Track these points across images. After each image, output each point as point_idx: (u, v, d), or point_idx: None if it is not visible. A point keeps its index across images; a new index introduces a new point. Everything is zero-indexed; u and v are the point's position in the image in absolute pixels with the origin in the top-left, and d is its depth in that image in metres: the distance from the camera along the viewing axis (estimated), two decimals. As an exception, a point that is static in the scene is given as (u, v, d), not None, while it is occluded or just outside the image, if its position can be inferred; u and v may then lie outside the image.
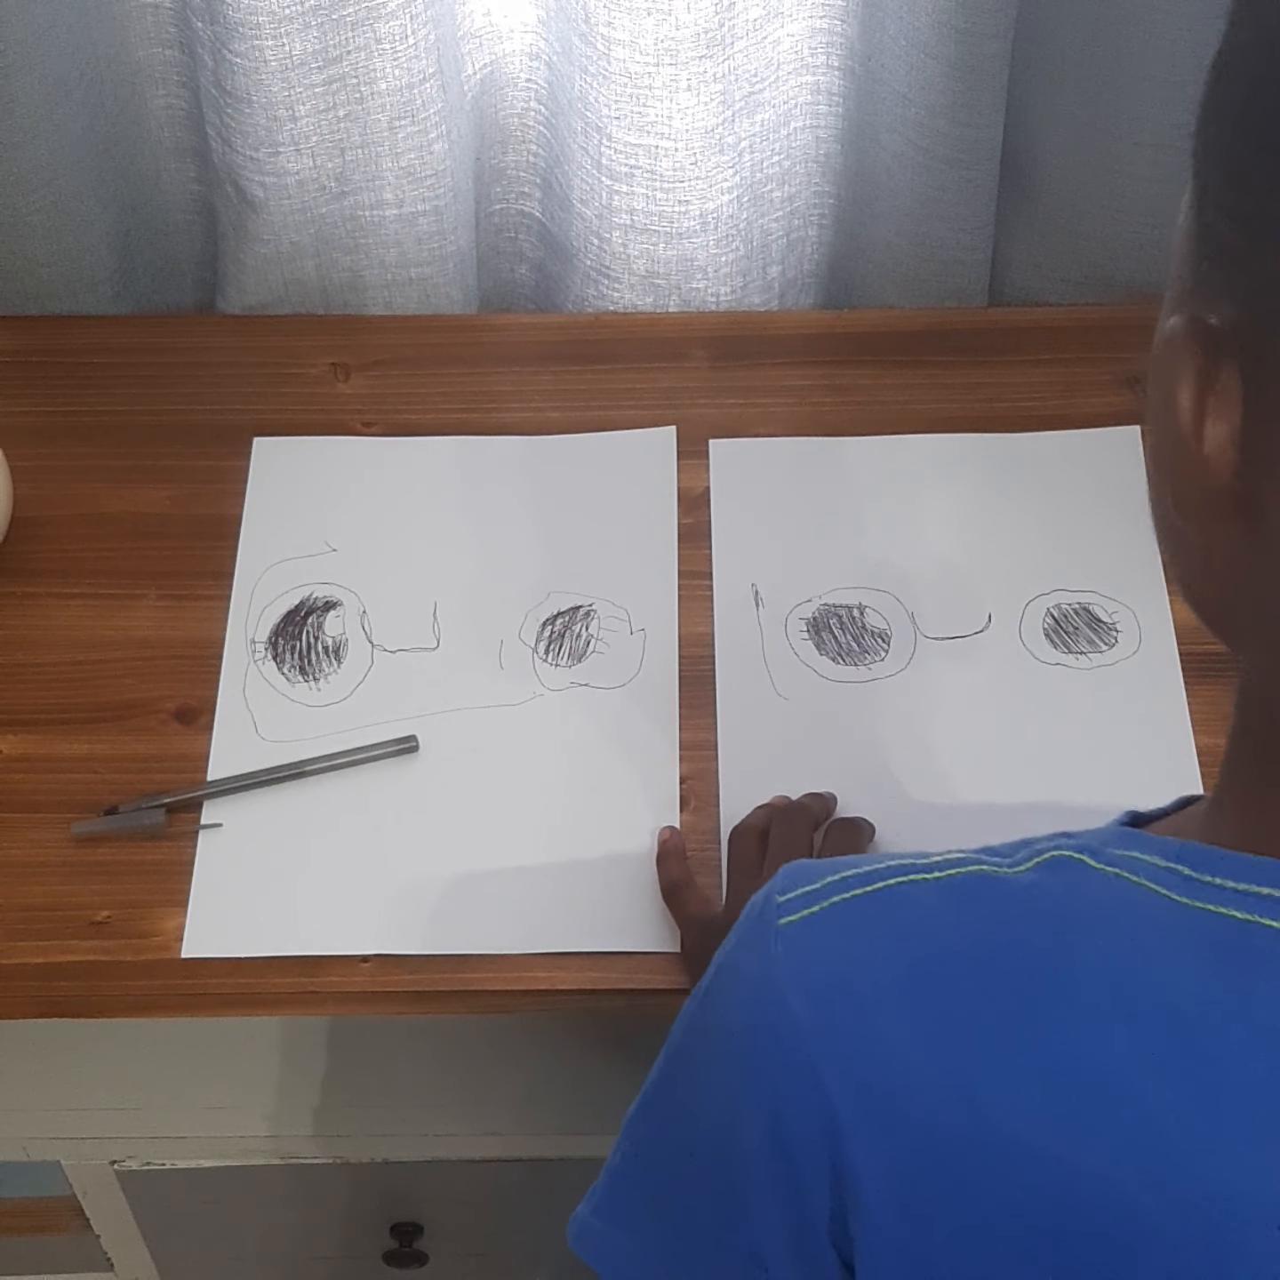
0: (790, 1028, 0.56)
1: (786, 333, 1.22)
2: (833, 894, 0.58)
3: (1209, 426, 0.51)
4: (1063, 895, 0.55)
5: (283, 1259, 1.26)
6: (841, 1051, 0.56)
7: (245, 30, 1.08)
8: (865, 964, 0.56)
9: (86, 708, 1.04)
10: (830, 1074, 0.56)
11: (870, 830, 0.98)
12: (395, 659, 1.07)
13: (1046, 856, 0.56)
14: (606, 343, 1.21)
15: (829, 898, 0.58)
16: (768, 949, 0.58)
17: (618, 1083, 1.07)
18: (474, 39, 1.18)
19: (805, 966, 0.57)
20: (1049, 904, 0.55)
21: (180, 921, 0.96)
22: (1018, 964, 0.54)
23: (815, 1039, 0.56)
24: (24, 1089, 1.08)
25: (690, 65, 1.12)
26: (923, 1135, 0.55)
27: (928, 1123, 0.54)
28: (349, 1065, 1.06)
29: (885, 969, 0.56)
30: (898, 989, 0.55)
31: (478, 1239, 1.23)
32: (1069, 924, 0.54)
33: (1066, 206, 1.21)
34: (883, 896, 0.57)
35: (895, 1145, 0.55)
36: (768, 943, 0.58)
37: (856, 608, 1.08)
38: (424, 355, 1.20)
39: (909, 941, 0.56)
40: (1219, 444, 0.51)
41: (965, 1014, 0.54)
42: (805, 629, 1.07)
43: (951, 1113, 0.54)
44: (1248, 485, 0.51)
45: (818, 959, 0.57)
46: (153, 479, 1.14)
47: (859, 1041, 0.56)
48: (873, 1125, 0.55)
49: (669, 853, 0.98)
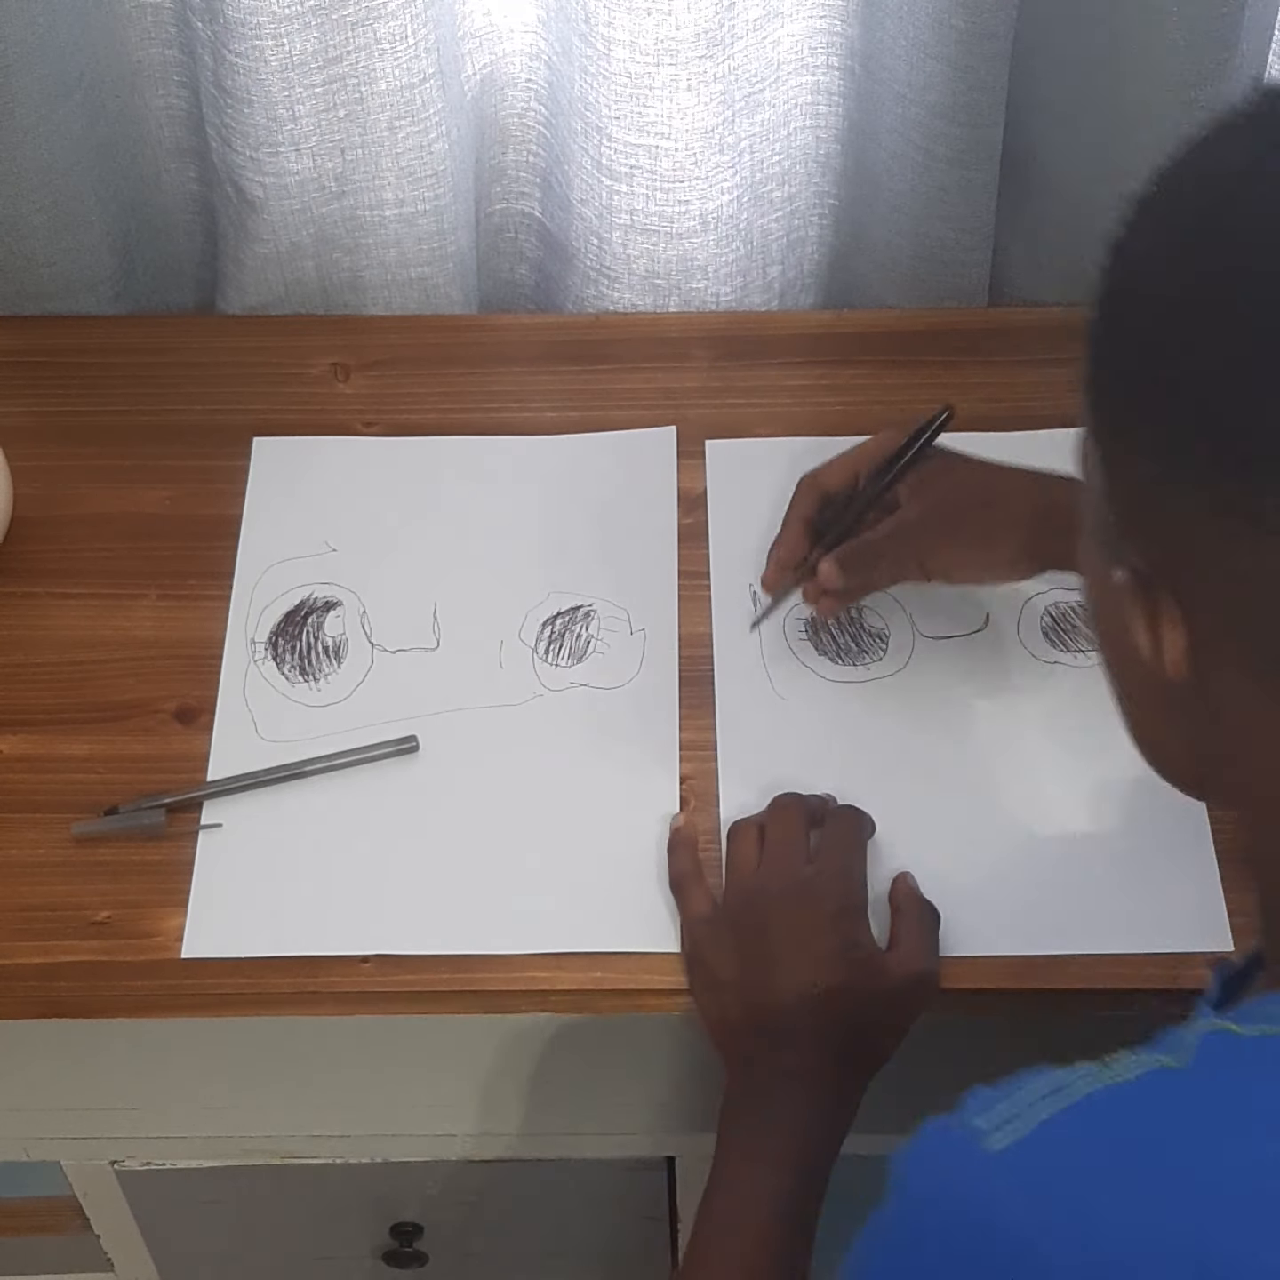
0: (1028, 1255, 0.56)
1: (786, 333, 1.22)
2: (1034, 1109, 0.58)
3: (1165, 650, 0.62)
4: (1226, 1073, 0.59)
5: (283, 1259, 1.26)
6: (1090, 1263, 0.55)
7: (245, 30, 1.08)
8: (1100, 1169, 0.56)
9: (86, 708, 1.04)
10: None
11: (871, 824, 0.98)
12: (395, 659, 1.07)
13: (1200, 1030, 0.60)
14: (606, 343, 1.21)
15: (1032, 1113, 0.58)
16: (984, 1172, 0.57)
17: (618, 1083, 1.07)
18: (474, 39, 1.18)
19: (1035, 1185, 0.57)
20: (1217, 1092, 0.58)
21: (180, 921, 0.96)
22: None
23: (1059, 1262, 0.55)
24: (24, 1089, 1.08)
25: (690, 65, 1.12)
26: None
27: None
28: (349, 1065, 1.06)
29: (1122, 1170, 0.56)
30: (1142, 1192, 0.56)
31: (478, 1239, 1.23)
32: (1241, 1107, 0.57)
33: (1066, 206, 1.21)
34: (1085, 1103, 0.58)
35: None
36: (981, 1166, 0.57)
37: (854, 608, 1.08)
38: (424, 355, 1.20)
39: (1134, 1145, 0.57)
40: (1174, 660, 0.61)
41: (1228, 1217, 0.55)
42: (804, 629, 1.07)
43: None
44: (1202, 681, 0.62)
45: (1045, 1172, 0.57)
46: (153, 479, 1.14)
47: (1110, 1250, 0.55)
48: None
49: (680, 843, 0.98)
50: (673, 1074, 1.06)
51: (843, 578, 0.98)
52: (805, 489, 1.03)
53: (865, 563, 0.99)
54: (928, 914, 0.95)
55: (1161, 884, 0.97)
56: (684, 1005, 0.94)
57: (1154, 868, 0.97)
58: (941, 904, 0.95)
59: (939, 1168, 0.59)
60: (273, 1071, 1.06)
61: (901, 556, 1.00)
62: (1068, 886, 0.97)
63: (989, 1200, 0.57)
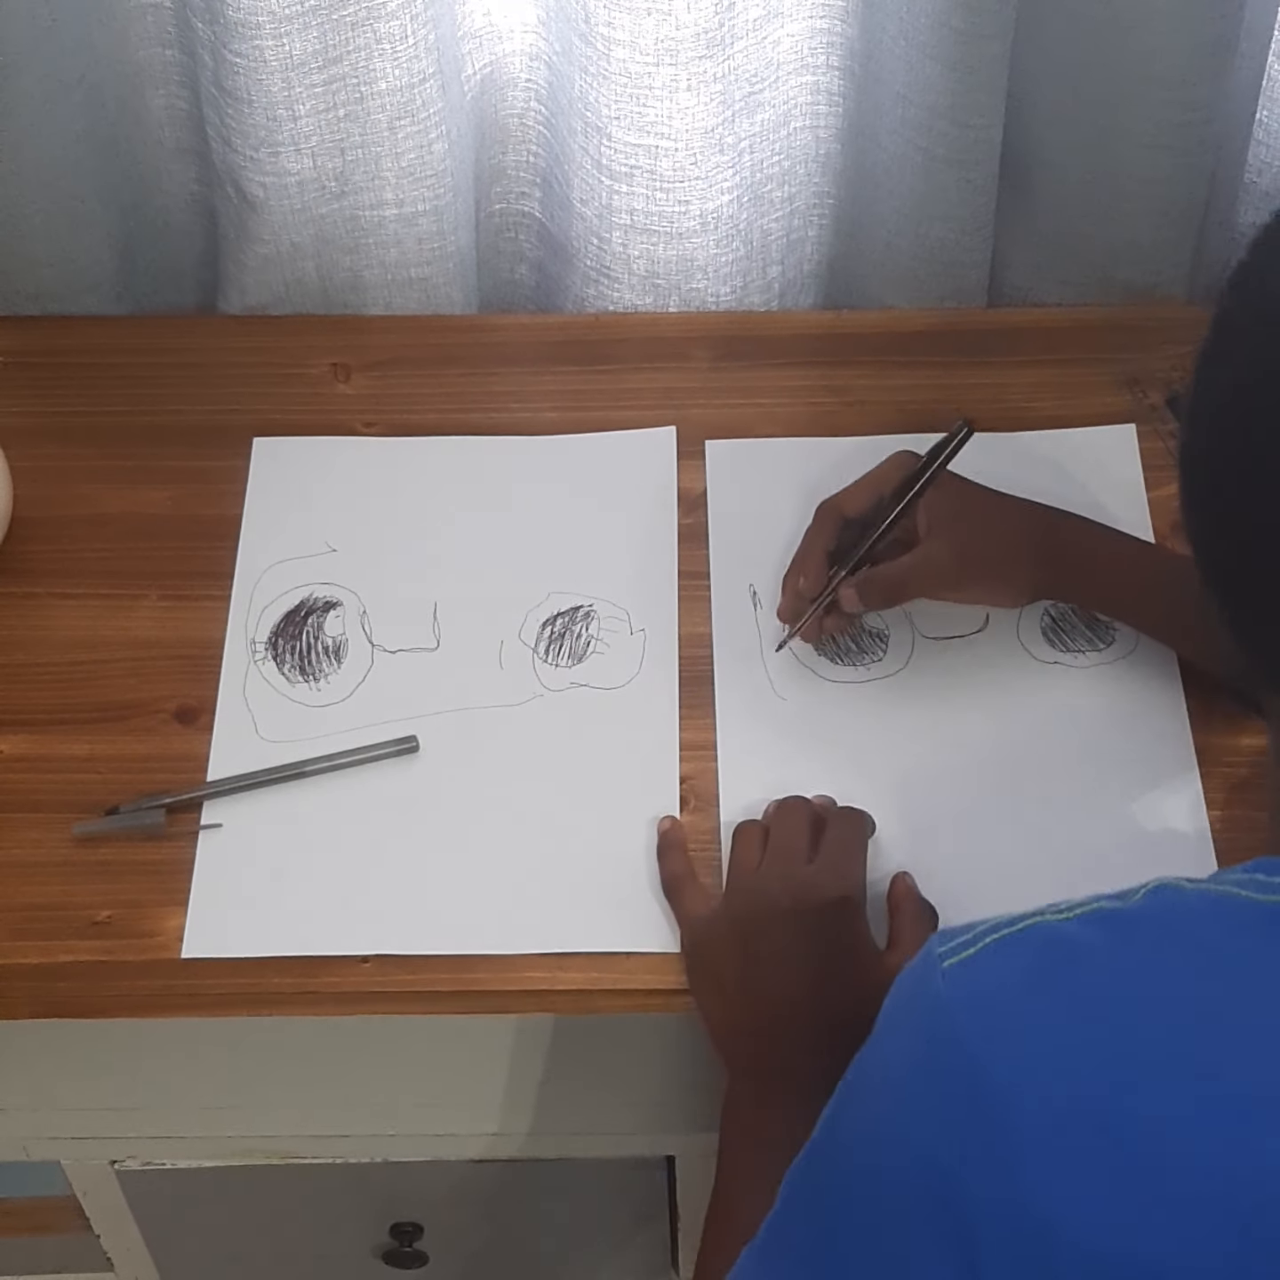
0: (964, 1059, 0.60)
1: (786, 333, 1.22)
2: (985, 936, 0.64)
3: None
4: (1166, 912, 0.64)
5: (283, 1259, 1.26)
6: (1019, 1068, 0.59)
7: (245, 30, 1.08)
8: (1031, 985, 0.62)
9: (87, 708, 1.04)
10: (1005, 1097, 0.59)
11: (872, 823, 0.98)
12: (395, 659, 1.07)
13: (1150, 884, 0.65)
14: (606, 343, 1.21)
15: (983, 940, 0.64)
16: (933, 988, 0.63)
17: (618, 1083, 1.07)
18: (474, 39, 1.18)
19: (974, 993, 0.62)
20: (1162, 922, 0.64)
21: (180, 921, 0.96)
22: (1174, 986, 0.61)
23: (991, 1064, 0.60)
24: (24, 1089, 1.08)
25: (690, 65, 1.12)
26: (1110, 1148, 0.58)
27: (1113, 1141, 0.58)
28: (349, 1065, 1.06)
29: (1050, 986, 0.61)
30: (1066, 1005, 0.61)
31: (478, 1239, 1.23)
32: (1180, 938, 0.63)
33: (1066, 206, 1.21)
34: (1030, 932, 0.64)
35: (1084, 1166, 0.58)
36: (933, 983, 0.63)
37: (856, 608, 1.08)
38: (424, 355, 1.20)
39: (1064, 965, 0.62)
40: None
41: (1141, 1037, 0.59)
42: (805, 629, 1.07)
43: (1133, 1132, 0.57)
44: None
45: (985, 985, 0.62)
46: (153, 479, 1.14)
47: (1037, 1058, 0.60)
48: (1060, 1147, 0.58)
49: (670, 846, 0.98)
50: (673, 1074, 1.06)
51: (863, 604, 1.02)
52: (824, 516, 1.05)
53: (886, 592, 1.03)
54: (926, 913, 0.95)
55: (1161, 884, 0.97)
56: (684, 1005, 0.94)
57: (1154, 868, 0.97)
58: (941, 904, 0.95)
59: (903, 988, 0.65)
60: (273, 1071, 1.06)
61: (921, 587, 1.03)
62: (1067, 886, 0.97)
63: (937, 1009, 0.62)
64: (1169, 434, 1.15)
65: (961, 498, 1.04)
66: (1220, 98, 1.13)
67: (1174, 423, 1.15)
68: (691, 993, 0.94)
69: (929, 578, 1.03)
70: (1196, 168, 1.17)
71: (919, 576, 1.02)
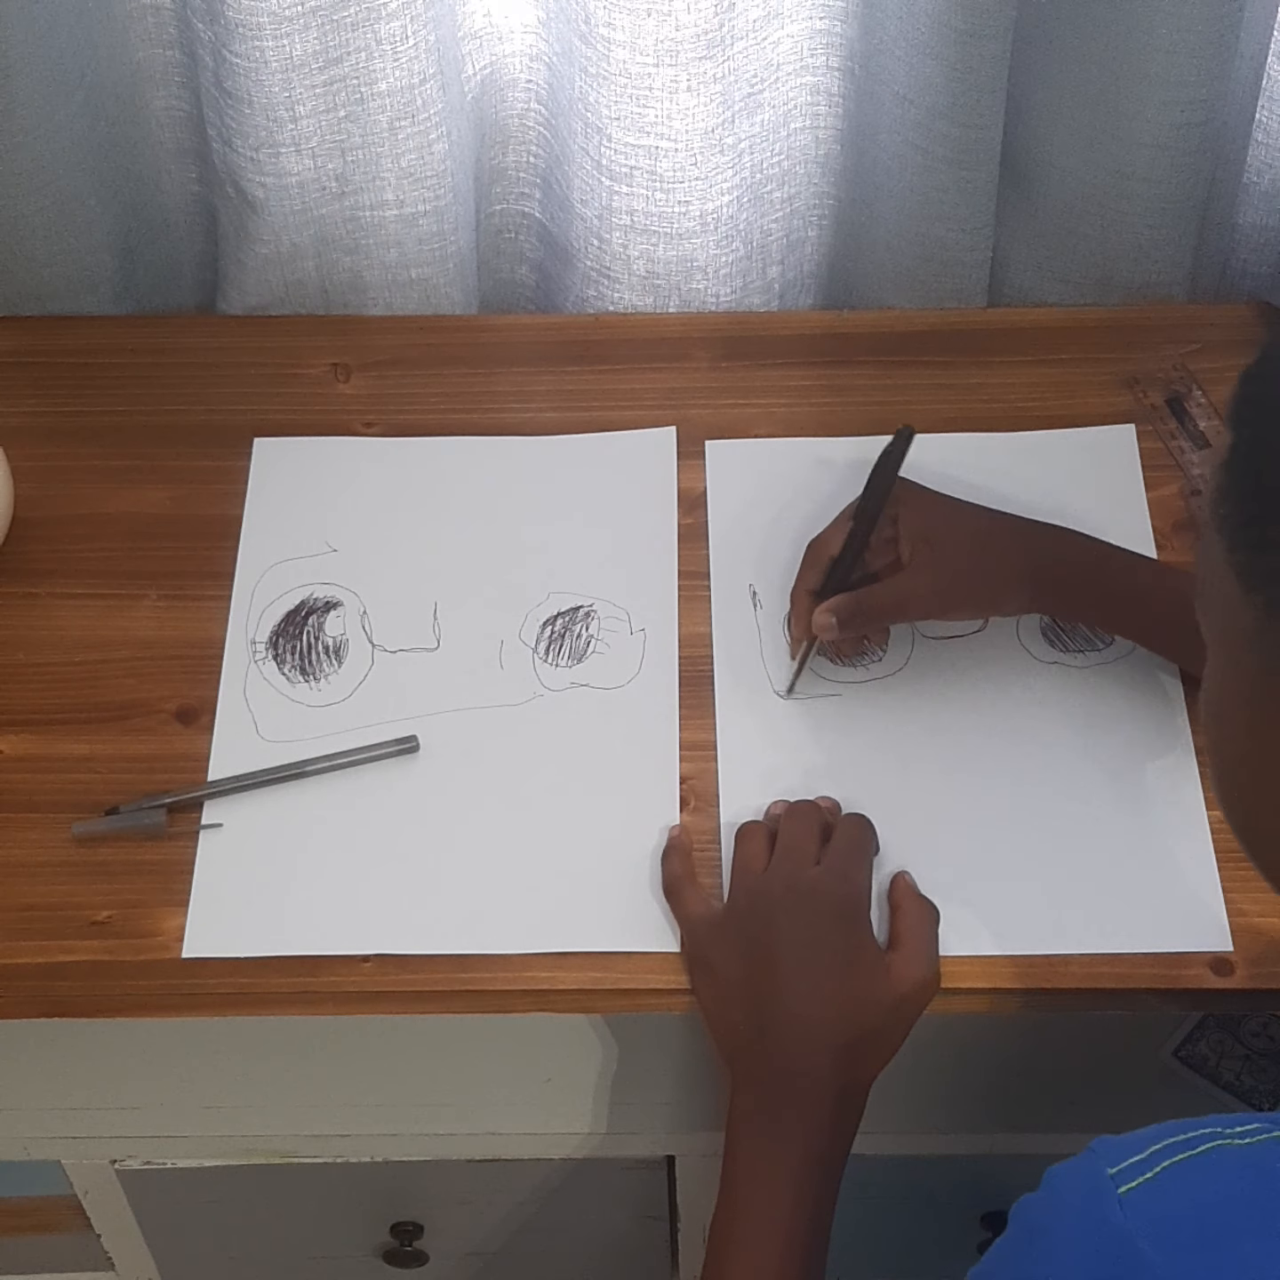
0: None
1: (786, 333, 1.22)
2: (1161, 1160, 0.62)
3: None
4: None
5: (283, 1259, 1.26)
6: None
7: (245, 31, 1.08)
8: (1224, 1220, 0.60)
9: (87, 708, 1.04)
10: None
11: (876, 842, 0.98)
12: (395, 659, 1.07)
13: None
14: (606, 343, 1.21)
15: (1160, 1163, 0.62)
16: (1112, 1217, 0.61)
17: (618, 1083, 1.07)
18: (474, 40, 1.18)
19: (1162, 1227, 0.61)
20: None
21: (180, 921, 0.96)
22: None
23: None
24: (24, 1089, 1.08)
25: (690, 66, 1.12)
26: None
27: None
28: (349, 1065, 1.06)
29: (1245, 1223, 0.60)
30: (1258, 1242, 0.60)
31: (478, 1239, 1.23)
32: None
33: (1066, 206, 1.21)
34: (1214, 1157, 0.62)
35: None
36: (1110, 1210, 0.61)
37: (856, 608, 1.08)
38: (424, 355, 1.20)
39: (1256, 1196, 0.61)
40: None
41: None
42: (805, 629, 1.07)
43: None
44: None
45: (1173, 1215, 0.61)
46: (153, 479, 1.14)
47: None
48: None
49: (673, 849, 0.98)
50: (673, 1074, 1.06)
51: (838, 629, 1.01)
52: (809, 559, 1.05)
53: (868, 616, 1.02)
54: (928, 913, 0.95)
55: (1161, 884, 0.97)
56: (684, 1005, 0.94)
57: (1154, 868, 0.97)
58: (941, 904, 0.95)
59: (1073, 1208, 0.63)
60: (273, 1071, 1.06)
61: (906, 613, 1.04)
62: (1068, 886, 0.97)
63: (1122, 1237, 0.61)
64: (1169, 434, 1.15)
65: (942, 518, 1.03)
66: (1220, 98, 1.13)
67: (1174, 422, 1.15)
68: (694, 993, 0.94)
69: (914, 605, 1.02)
70: (1196, 168, 1.17)
71: (903, 603, 1.02)
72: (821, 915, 0.92)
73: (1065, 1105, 1.07)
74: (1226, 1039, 1.03)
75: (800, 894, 0.93)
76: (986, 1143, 1.13)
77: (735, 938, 0.92)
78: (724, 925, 0.94)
